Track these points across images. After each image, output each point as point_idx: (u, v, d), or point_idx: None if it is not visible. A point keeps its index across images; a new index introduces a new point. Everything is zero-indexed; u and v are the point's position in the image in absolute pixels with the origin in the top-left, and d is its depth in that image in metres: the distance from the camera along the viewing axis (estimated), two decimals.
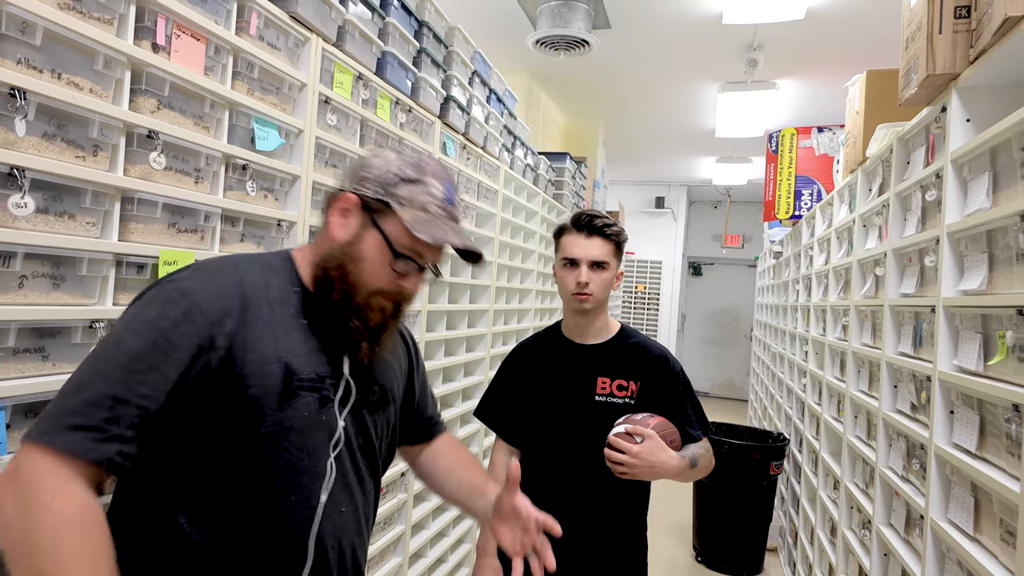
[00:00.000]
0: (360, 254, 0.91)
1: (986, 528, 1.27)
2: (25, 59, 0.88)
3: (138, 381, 0.76)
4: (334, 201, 0.93)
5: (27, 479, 0.71)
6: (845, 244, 2.68)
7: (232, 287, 0.86)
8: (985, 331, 1.32)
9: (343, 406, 0.94)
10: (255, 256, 0.95)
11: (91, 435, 0.73)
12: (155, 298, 0.82)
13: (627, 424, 1.41)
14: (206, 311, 0.82)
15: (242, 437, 0.84)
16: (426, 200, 0.92)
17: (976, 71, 1.37)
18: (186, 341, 0.80)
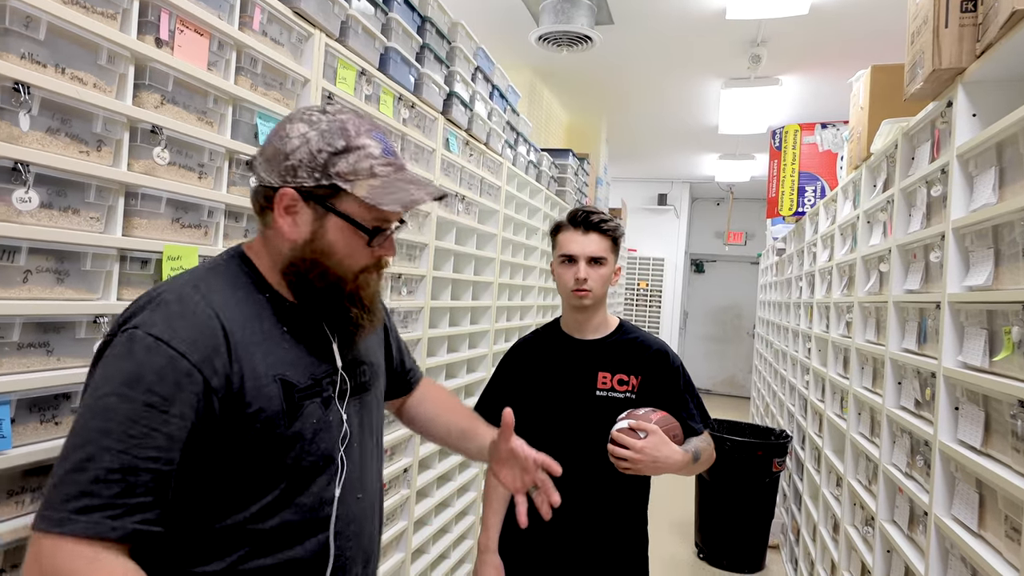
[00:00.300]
0: (330, 247, 0.87)
1: (991, 524, 1.27)
2: (29, 54, 0.88)
3: (141, 447, 0.72)
4: (272, 201, 0.86)
5: (53, 570, 0.68)
6: (849, 240, 2.67)
7: (208, 320, 0.80)
8: (991, 327, 1.32)
9: (342, 399, 0.94)
10: (211, 269, 0.88)
11: (106, 514, 0.70)
12: (127, 352, 0.75)
13: (630, 419, 1.41)
14: (190, 356, 0.76)
15: (258, 459, 0.83)
16: (370, 164, 0.86)
17: (982, 65, 1.36)
18: (180, 394, 0.75)
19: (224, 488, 0.82)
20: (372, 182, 0.86)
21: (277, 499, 0.85)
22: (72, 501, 0.69)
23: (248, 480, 0.83)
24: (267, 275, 0.90)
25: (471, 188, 2.48)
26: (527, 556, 1.56)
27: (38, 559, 0.69)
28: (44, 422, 0.94)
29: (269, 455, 0.84)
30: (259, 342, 0.84)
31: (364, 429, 0.99)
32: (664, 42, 3.87)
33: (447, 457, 2.42)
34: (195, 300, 0.81)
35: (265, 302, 0.88)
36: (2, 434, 0.86)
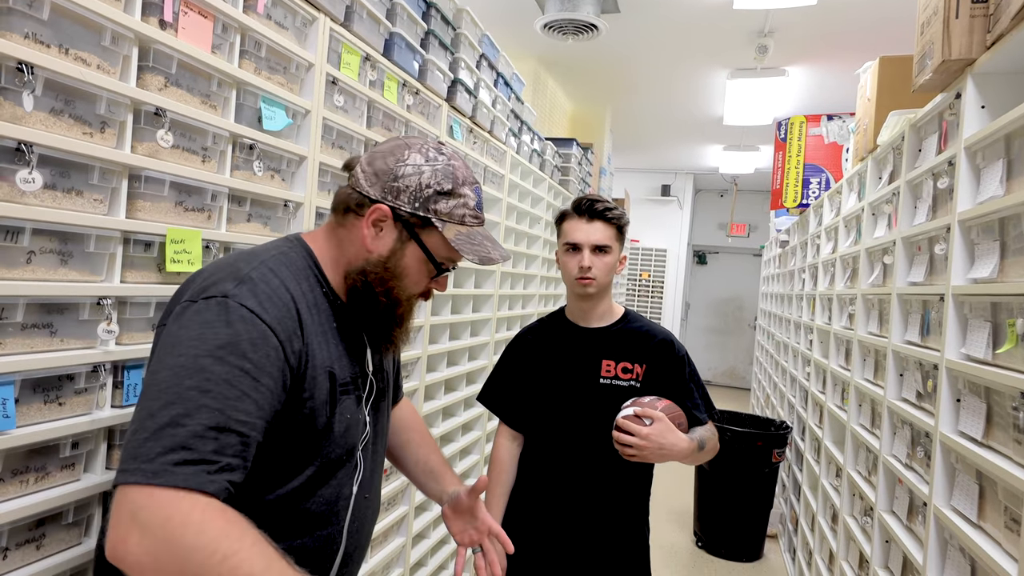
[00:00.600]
0: (402, 269, 0.93)
1: (990, 515, 1.28)
2: (32, 34, 0.88)
3: (236, 409, 0.74)
4: (366, 210, 0.92)
5: (154, 518, 0.67)
6: (853, 233, 2.66)
7: (288, 303, 0.84)
8: (995, 319, 1.31)
9: (367, 402, 0.99)
10: (281, 254, 0.91)
11: (203, 468, 0.70)
12: (223, 320, 0.77)
13: (635, 407, 1.41)
14: (278, 333, 0.80)
15: (300, 440, 0.87)
16: (464, 213, 0.95)
17: (993, 57, 1.35)
18: (269, 366, 0.79)
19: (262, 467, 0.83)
20: (460, 228, 0.95)
21: (303, 486, 0.88)
22: (170, 454, 0.69)
23: (282, 462, 0.86)
24: (329, 273, 0.95)
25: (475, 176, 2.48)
26: (529, 544, 1.57)
27: (134, 512, 0.68)
28: (48, 402, 0.94)
29: (307, 441, 0.87)
30: (318, 333, 0.89)
31: (379, 433, 1.03)
32: (670, 31, 3.85)
33: (448, 444, 2.43)
34: (276, 283, 0.85)
35: (323, 297, 0.93)
36: (6, 414, 0.86)
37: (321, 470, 0.90)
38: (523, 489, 1.62)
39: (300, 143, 1.43)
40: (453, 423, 2.41)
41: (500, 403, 1.68)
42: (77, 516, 0.99)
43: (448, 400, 2.34)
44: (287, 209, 1.41)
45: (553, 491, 1.56)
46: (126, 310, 1.05)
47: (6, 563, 0.89)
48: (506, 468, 1.64)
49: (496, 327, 2.83)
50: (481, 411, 2.68)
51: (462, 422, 2.50)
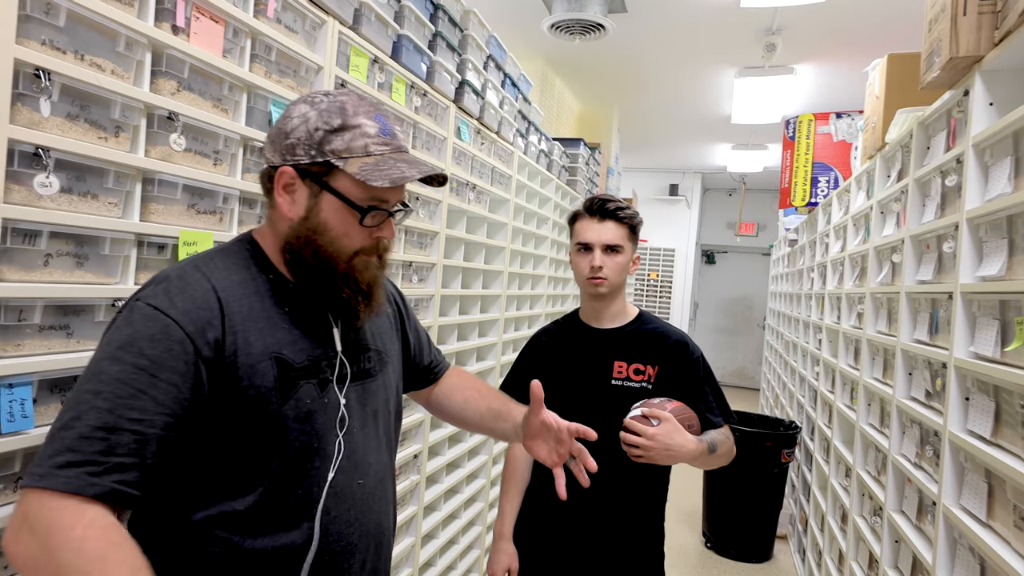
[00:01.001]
0: (323, 224, 0.88)
1: (999, 514, 1.27)
2: (49, 40, 0.89)
3: (126, 407, 0.73)
4: (273, 180, 0.89)
5: (41, 523, 0.69)
6: (862, 231, 2.65)
7: (205, 294, 0.82)
8: (1003, 317, 1.31)
9: (341, 384, 0.94)
10: (219, 251, 0.91)
11: (85, 470, 0.70)
12: (127, 321, 0.78)
13: (643, 407, 1.41)
14: (184, 325, 0.79)
15: (252, 435, 0.84)
16: (364, 143, 0.87)
17: (1000, 54, 1.35)
18: (171, 360, 0.77)
19: (219, 465, 0.83)
20: (366, 160, 0.87)
21: (271, 479, 0.85)
22: (56, 457, 0.70)
23: (242, 458, 0.84)
24: (272, 257, 0.92)
25: (482, 177, 2.49)
26: (542, 544, 1.57)
27: (24, 513, 0.70)
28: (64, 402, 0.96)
29: (261, 433, 0.84)
30: (257, 319, 0.86)
31: (367, 415, 0.98)
32: (678, 30, 3.84)
33: (456, 444, 2.44)
34: (196, 277, 0.84)
35: (267, 283, 0.90)
36: (24, 414, 0.88)
37: (289, 460, 0.86)
38: (537, 490, 1.62)
39: None
40: None
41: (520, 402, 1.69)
42: None
43: None
44: None
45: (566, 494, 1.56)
46: None
47: None
48: (520, 468, 1.64)
49: (504, 328, 2.84)
50: None
51: None
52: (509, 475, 1.65)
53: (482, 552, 2.72)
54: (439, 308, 2.15)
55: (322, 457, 0.90)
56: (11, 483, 0.89)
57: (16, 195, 0.86)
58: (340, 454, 0.92)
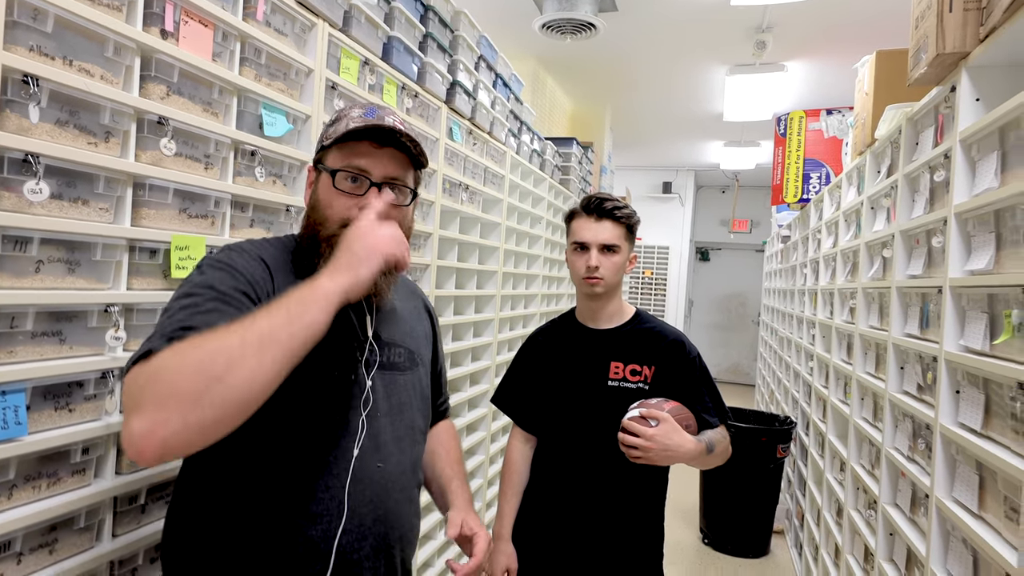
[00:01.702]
0: (317, 199, 0.98)
1: (991, 506, 1.28)
2: (37, 46, 0.89)
3: (205, 284, 0.84)
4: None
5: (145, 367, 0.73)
6: (853, 227, 2.67)
7: (257, 261, 0.92)
8: (991, 311, 1.32)
9: (369, 368, 0.99)
10: (273, 240, 1.02)
11: (186, 314, 0.80)
12: (197, 271, 0.89)
13: (641, 408, 1.41)
14: (245, 274, 0.88)
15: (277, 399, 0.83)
16: (347, 124, 0.97)
17: (986, 49, 1.36)
18: (246, 268, 0.89)
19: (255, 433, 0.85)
20: (333, 130, 0.99)
21: (294, 456, 0.90)
22: (153, 338, 0.78)
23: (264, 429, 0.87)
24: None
25: (475, 177, 2.49)
26: (540, 545, 1.58)
27: (129, 380, 0.74)
28: (58, 409, 0.96)
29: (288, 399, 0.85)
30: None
31: (392, 405, 1.02)
32: (668, 29, 3.85)
33: None
34: (249, 247, 0.95)
35: (302, 269, 0.95)
36: (18, 420, 0.88)
37: (307, 435, 0.91)
38: (535, 490, 1.62)
39: (301, 149, 1.45)
40: (458, 423, 2.42)
41: (512, 405, 1.69)
42: (88, 521, 1.01)
43: (452, 401, 2.35)
44: (289, 214, 1.42)
45: (564, 493, 1.56)
46: (133, 317, 1.07)
47: (20, 568, 0.91)
48: (519, 469, 1.64)
49: (499, 328, 2.85)
50: (486, 412, 2.70)
51: (466, 423, 2.51)
52: (507, 476, 1.65)
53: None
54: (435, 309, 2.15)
55: (345, 432, 0.94)
56: (6, 490, 0.89)
57: (6, 202, 0.86)
58: (362, 433, 0.96)
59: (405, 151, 0.98)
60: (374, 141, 0.96)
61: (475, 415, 2.62)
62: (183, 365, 0.70)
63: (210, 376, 0.69)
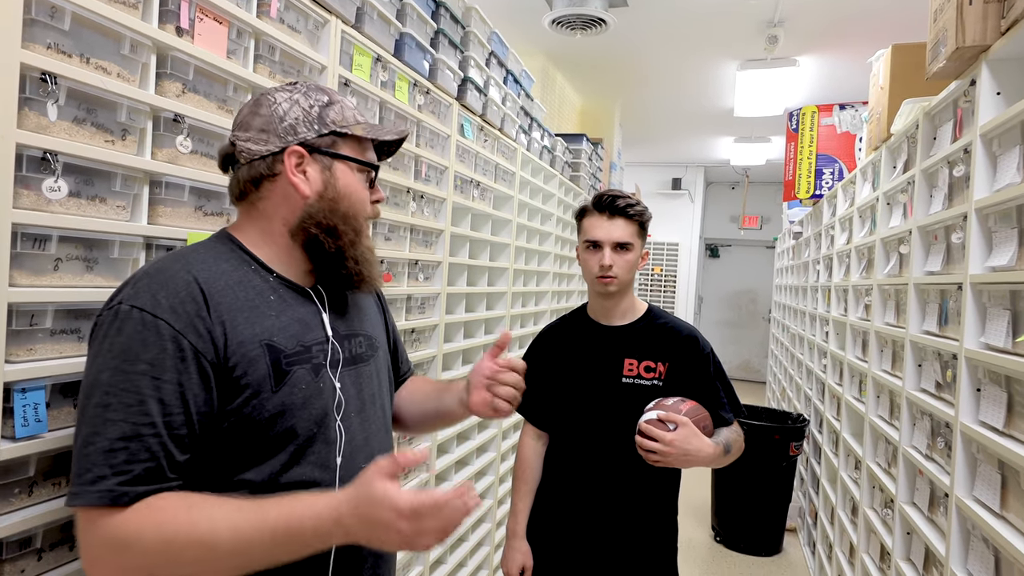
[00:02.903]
0: (342, 191, 0.93)
1: (1013, 505, 1.27)
2: (55, 44, 0.89)
3: (139, 413, 0.75)
4: (281, 164, 0.90)
5: (111, 540, 0.73)
6: (868, 223, 2.64)
7: (188, 286, 0.81)
8: (1014, 307, 1.30)
9: (335, 368, 0.94)
10: (198, 245, 0.91)
11: (117, 480, 0.73)
12: (116, 328, 0.77)
13: (659, 410, 1.38)
14: (174, 323, 0.78)
15: (252, 423, 0.83)
16: (352, 113, 0.96)
17: (1008, 42, 1.34)
18: (168, 359, 0.77)
19: (230, 455, 0.83)
20: (363, 123, 0.96)
21: (279, 466, 0.85)
22: (85, 474, 0.73)
23: (248, 447, 0.83)
24: (253, 249, 0.92)
25: (486, 174, 2.49)
26: (556, 542, 1.57)
27: (90, 539, 0.75)
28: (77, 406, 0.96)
29: (262, 420, 0.84)
30: (243, 309, 0.85)
31: (364, 399, 0.98)
32: (679, 24, 3.83)
33: (464, 442, 2.44)
34: (175, 269, 0.83)
35: (251, 273, 0.90)
36: (38, 418, 0.88)
37: (293, 447, 0.86)
38: (548, 488, 1.62)
39: None
40: (469, 421, 2.42)
41: (524, 402, 1.67)
42: None
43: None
44: None
45: (577, 490, 1.56)
46: None
47: (41, 564, 0.91)
48: (531, 466, 1.64)
49: (510, 324, 2.84)
50: None
51: (477, 420, 2.51)
52: (520, 473, 1.64)
53: (492, 549, 2.72)
54: (445, 306, 2.14)
55: (327, 442, 0.90)
56: (26, 487, 0.89)
57: (25, 200, 0.86)
58: (342, 439, 0.92)
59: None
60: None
61: None
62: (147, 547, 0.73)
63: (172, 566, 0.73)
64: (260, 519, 0.73)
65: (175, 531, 0.73)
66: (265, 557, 0.74)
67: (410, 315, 1.93)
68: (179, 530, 0.73)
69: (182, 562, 0.73)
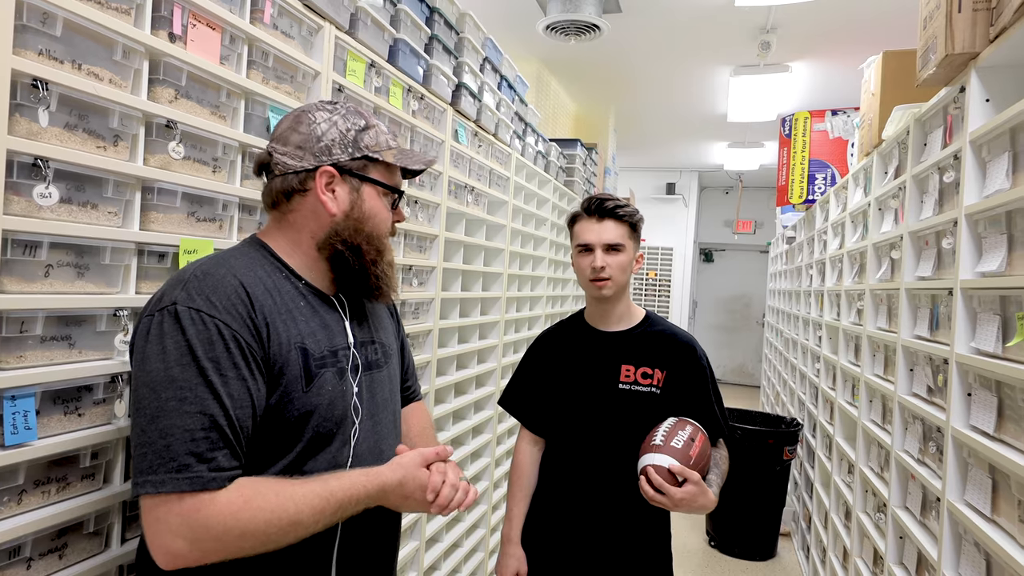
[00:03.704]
0: (368, 212, 0.98)
1: (1004, 509, 1.27)
2: (46, 50, 0.89)
3: (213, 406, 0.80)
4: (312, 182, 0.96)
5: (190, 526, 0.77)
6: (860, 228, 2.66)
7: (236, 289, 0.87)
8: (1004, 313, 1.31)
9: (355, 373, 1.00)
10: (233, 252, 0.96)
11: (205, 467, 0.78)
12: (175, 327, 0.81)
13: (669, 456, 1.31)
14: (229, 322, 0.84)
15: (282, 419, 0.88)
16: (386, 139, 1.02)
17: (996, 50, 1.35)
18: (232, 357, 0.83)
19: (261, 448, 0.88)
20: (394, 150, 1.02)
21: (300, 460, 0.90)
22: (170, 462, 0.77)
23: (276, 441, 0.88)
24: (284, 257, 0.98)
25: (480, 179, 2.49)
26: (550, 548, 1.57)
27: (161, 519, 0.77)
28: (68, 414, 0.96)
29: (292, 417, 0.89)
30: (280, 312, 0.91)
31: (377, 404, 1.04)
32: (672, 30, 3.85)
33: (459, 447, 2.44)
34: (221, 274, 0.88)
35: (283, 280, 0.95)
36: (27, 425, 0.88)
37: (313, 444, 0.91)
38: (544, 493, 1.61)
39: None
40: (463, 426, 2.42)
41: (521, 408, 1.68)
42: (98, 525, 1.00)
43: (458, 403, 2.35)
44: None
45: (573, 496, 1.55)
46: None
47: (30, 573, 0.90)
48: (527, 472, 1.64)
49: (504, 330, 2.84)
50: (491, 414, 2.69)
51: (472, 425, 2.50)
52: (516, 479, 1.64)
53: (486, 555, 2.72)
54: (440, 311, 2.14)
55: (341, 442, 0.95)
56: (15, 495, 0.88)
57: (16, 206, 0.86)
58: (355, 440, 0.98)
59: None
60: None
61: (481, 417, 2.61)
62: (246, 529, 0.79)
63: (265, 540, 0.81)
64: (329, 493, 0.84)
65: (271, 513, 0.80)
66: (327, 523, 0.85)
67: (404, 320, 1.93)
68: (275, 512, 0.80)
69: (271, 540, 0.81)
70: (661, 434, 1.36)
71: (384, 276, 1.01)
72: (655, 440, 1.35)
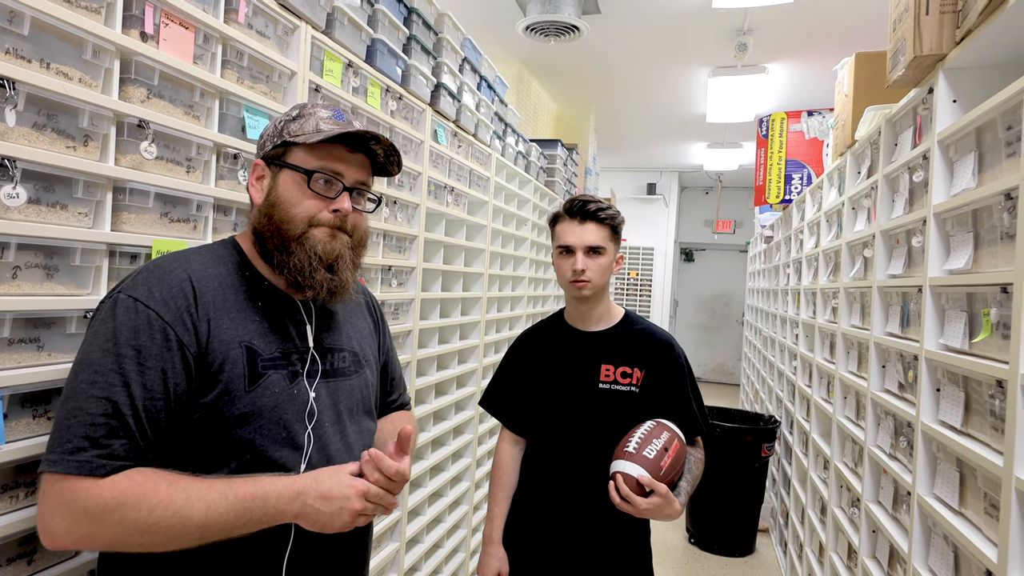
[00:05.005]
0: (279, 197, 0.95)
1: (971, 502, 1.30)
2: (13, 49, 0.88)
3: (123, 393, 0.80)
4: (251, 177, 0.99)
5: (73, 508, 0.76)
6: (835, 227, 2.70)
7: (181, 283, 0.87)
8: (970, 309, 1.34)
9: (312, 378, 0.97)
10: (202, 248, 0.97)
11: (95, 453, 0.77)
12: (111, 314, 0.83)
13: (639, 466, 1.32)
14: (163, 315, 0.84)
15: (221, 420, 0.86)
16: (316, 123, 0.96)
17: (962, 52, 1.39)
18: (155, 348, 0.82)
19: (199, 449, 0.86)
20: (314, 133, 0.95)
21: (242, 465, 0.87)
22: (66, 443, 0.77)
23: (216, 443, 0.86)
24: (250, 257, 0.98)
25: (460, 179, 2.49)
26: (532, 548, 1.57)
27: (47, 496, 0.77)
28: (36, 417, 0.94)
29: (231, 416, 0.87)
30: (229, 310, 0.90)
31: (341, 411, 1.00)
32: (651, 31, 3.88)
33: (440, 448, 2.44)
34: (173, 267, 0.89)
35: (242, 279, 0.95)
36: None
37: (259, 449, 0.88)
38: (526, 493, 1.62)
39: None
40: (444, 427, 2.41)
41: (501, 408, 1.68)
42: None
43: (438, 404, 2.35)
44: None
45: (554, 496, 1.56)
46: None
47: None
48: (508, 472, 1.64)
49: (485, 330, 2.85)
50: (473, 414, 2.69)
51: (453, 425, 2.50)
52: (497, 479, 1.64)
53: (467, 555, 2.72)
54: (419, 312, 2.14)
55: (292, 448, 0.92)
56: None
57: None
58: (310, 447, 0.94)
59: (372, 157, 1.02)
60: (349, 145, 0.97)
61: (462, 418, 2.61)
62: (125, 516, 0.77)
63: (149, 531, 0.78)
64: (228, 489, 0.81)
65: (154, 503, 0.77)
66: (228, 529, 0.81)
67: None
68: (159, 502, 0.77)
69: (154, 532, 0.77)
70: (635, 441, 1.36)
71: (299, 267, 0.93)
72: (628, 447, 1.36)
